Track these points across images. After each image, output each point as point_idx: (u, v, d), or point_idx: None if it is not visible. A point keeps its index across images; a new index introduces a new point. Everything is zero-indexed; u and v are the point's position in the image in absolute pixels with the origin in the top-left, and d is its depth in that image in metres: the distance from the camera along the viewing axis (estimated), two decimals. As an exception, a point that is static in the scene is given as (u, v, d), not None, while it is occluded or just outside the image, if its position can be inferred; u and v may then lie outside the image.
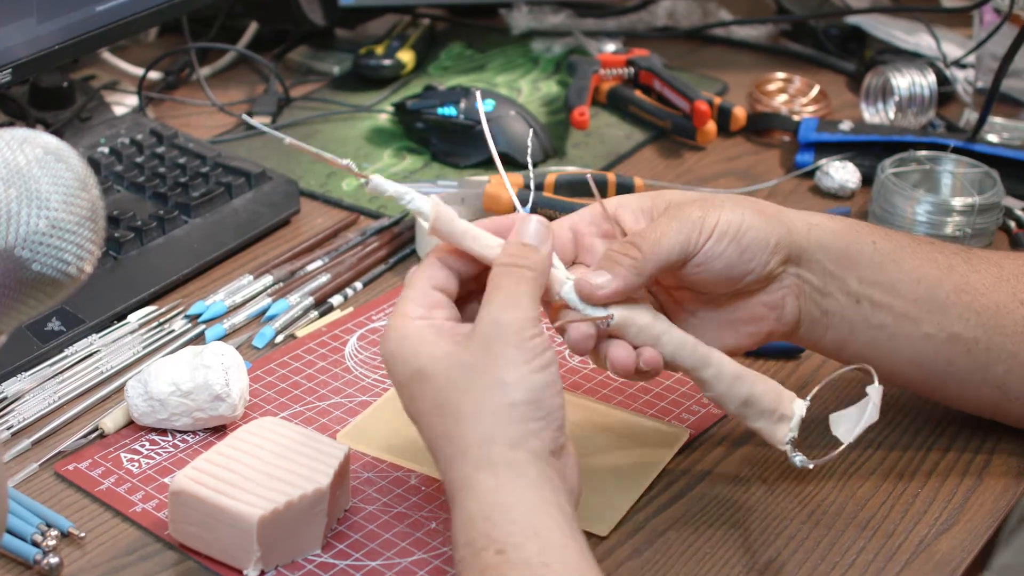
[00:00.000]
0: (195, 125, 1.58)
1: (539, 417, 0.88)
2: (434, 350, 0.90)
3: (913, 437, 1.12)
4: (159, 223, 1.30)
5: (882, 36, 1.79)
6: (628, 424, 1.11)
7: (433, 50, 1.79)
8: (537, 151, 1.50)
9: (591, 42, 1.78)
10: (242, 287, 1.28)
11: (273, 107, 1.60)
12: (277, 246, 1.36)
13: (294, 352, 1.19)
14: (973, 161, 1.40)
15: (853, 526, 1.03)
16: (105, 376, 1.16)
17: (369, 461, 1.07)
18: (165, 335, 1.21)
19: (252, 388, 1.14)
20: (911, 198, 1.35)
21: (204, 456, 0.99)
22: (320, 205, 1.43)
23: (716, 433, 1.12)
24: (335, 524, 1.01)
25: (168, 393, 1.07)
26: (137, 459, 1.06)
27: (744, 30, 1.86)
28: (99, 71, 1.65)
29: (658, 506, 1.04)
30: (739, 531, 1.02)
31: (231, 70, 1.73)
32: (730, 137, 1.59)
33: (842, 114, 1.64)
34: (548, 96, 1.67)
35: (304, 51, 1.77)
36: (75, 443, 1.08)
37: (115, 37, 1.45)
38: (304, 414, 1.12)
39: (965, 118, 1.61)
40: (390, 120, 1.59)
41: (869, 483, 1.07)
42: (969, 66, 1.68)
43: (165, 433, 1.09)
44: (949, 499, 1.06)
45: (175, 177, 1.37)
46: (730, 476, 1.07)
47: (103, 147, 1.41)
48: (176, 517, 0.97)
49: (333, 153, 0.97)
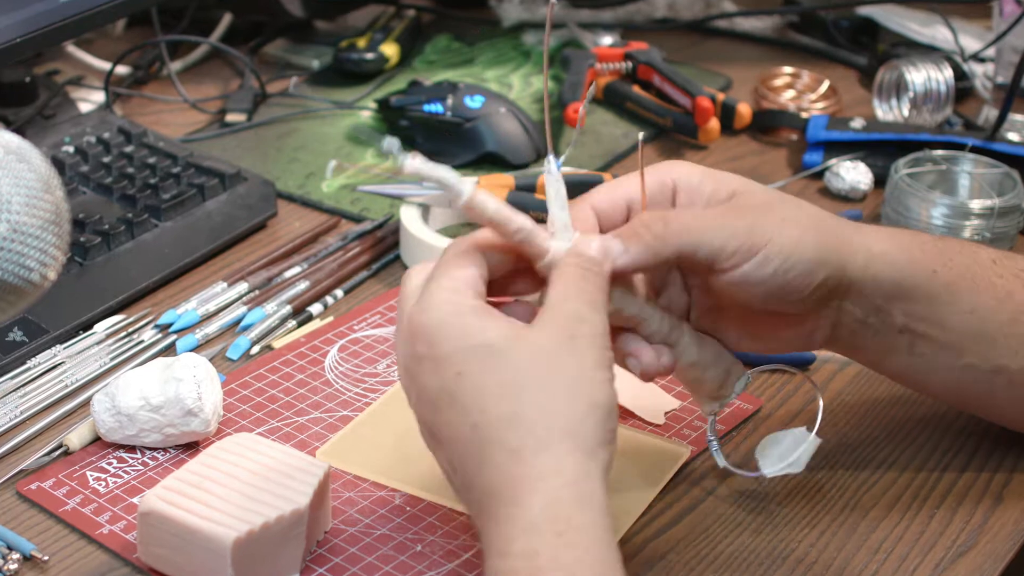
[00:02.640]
0: (166, 123, 1.58)
1: (611, 429, 0.87)
2: (503, 327, 0.88)
3: (930, 454, 1.12)
4: (127, 227, 1.30)
5: (896, 28, 1.79)
6: (626, 440, 1.11)
7: (418, 43, 1.79)
8: (529, 150, 1.50)
9: (587, 35, 1.78)
10: (215, 295, 1.28)
11: (248, 104, 1.60)
12: (253, 251, 1.36)
13: (271, 364, 1.19)
14: (992, 161, 1.40)
15: (865, 549, 1.03)
16: (70, 390, 1.16)
17: (350, 480, 1.07)
18: (134, 346, 1.21)
19: (226, 402, 1.14)
20: (926, 200, 1.36)
21: (175, 475, 0.99)
22: (298, 208, 1.43)
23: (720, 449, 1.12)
24: (314, 547, 1.01)
25: (137, 408, 1.07)
26: (104, 478, 1.06)
27: (749, 22, 1.87)
28: (63, 65, 1.65)
29: (658, 528, 1.05)
30: (744, 554, 1.02)
31: (204, 64, 1.73)
32: (734, 136, 1.60)
33: (853, 111, 1.64)
34: (540, 92, 1.67)
35: (281, 44, 1.77)
36: (38, 461, 1.08)
37: (80, 30, 1.45)
38: (281, 430, 1.12)
39: (984, 115, 1.61)
40: (373, 117, 1.59)
41: (882, 502, 1.07)
42: (988, 60, 1.69)
43: (134, 450, 1.09)
44: (967, 520, 1.06)
45: (144, 178, 1.37)
46: (734, 495, 1.07)
47: (68, 146, 1.41)
48: (145, 539, 0.97)
49: (313, 151, 0.97)
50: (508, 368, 0.86)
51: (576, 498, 0.85)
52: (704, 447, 1.11)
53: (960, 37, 1.70)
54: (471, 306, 0.89)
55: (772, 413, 1.15)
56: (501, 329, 0.88)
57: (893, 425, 1.14)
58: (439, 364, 0.88)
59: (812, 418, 1.06)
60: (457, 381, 0.87)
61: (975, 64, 1.69)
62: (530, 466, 0.85)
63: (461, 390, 0.87)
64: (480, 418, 0.87)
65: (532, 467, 0.85)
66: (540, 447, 0.85)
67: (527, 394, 0.86)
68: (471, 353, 0.87)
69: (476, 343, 0.87)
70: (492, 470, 0.86)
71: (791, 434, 1.03)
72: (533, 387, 0.86)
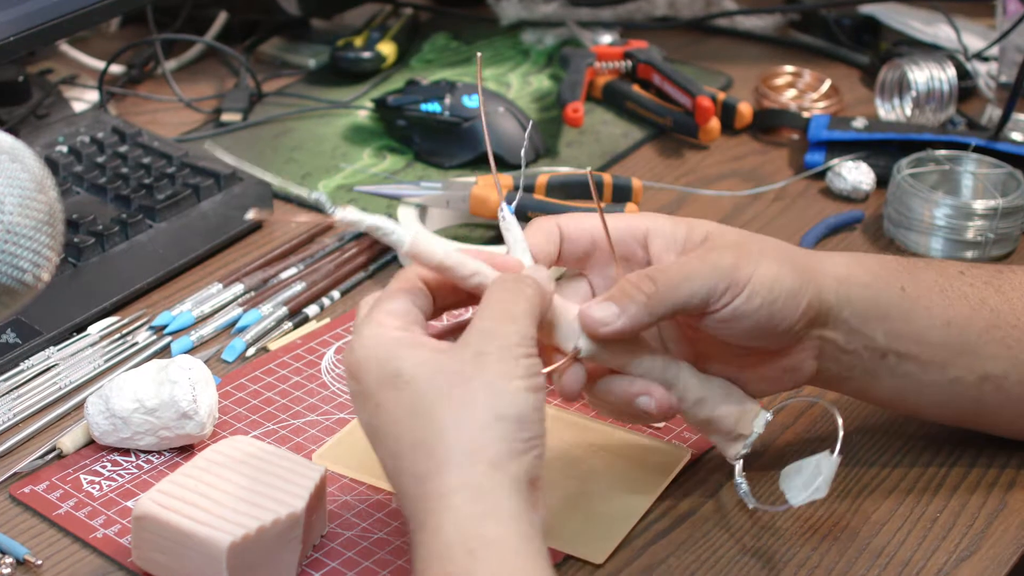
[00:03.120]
0: (160, 122, 1.58)
1: (524, 439, 0.87)
2: (416, 355, 0.89)
3: (932, 456, 1.12)
4: (122, 228, 1.30)
5: (898, 27, 1.79)
6: (625, 444, 1.12)
7: (416, 42, 1.79)
8: (528, 150, 1.50)
9: (585, 33, 1.78)
10: (211, 296, 1.28)
11: (244, 103, 1.60)
12: (248, 252, 1.36)
13: (267, 366, 1.20)
14: (996, 161, 1.40)
15: (867, 553, 1.03)
16: (63, 392, 1.16)
17: (347, 483, 1.07)
18: (128, 348, 1.21)
19: (221, 405, 1.14)
20: (929, 201, 1.36)
21: (170, 478, 0.99)
22: (295, 208, 1.43)
23: (719, 453, 1.12)
24: (310, 551, 1.01)
25: (131, 410, 1.07)
26: (98, 481, 1.06)
27: (750, 20, 1.87)
28: (57, 64, 1.66)
29: (658, 531, 1.05)
30: (745, 558, 1.02)
31: (199, 63, 1.73)
32: (735, 135, 1.60)
33: (855, 111, 1.64)
34: (539, 91, 1.67)
35: (277, 43, 1.77)
36: (31, 464, 1.08)
37: (74, 28, 1.45)
38: (277, 433, 1.12)
39: (987, 115, 1.61)
40: (370, 117, 1.59)
41: (884, 506, 1.07)
42: (992, 59, 1.69)
43: (128, 453, 1.09)
44: (970, 524, 1.06)
45: (139, 178, 1.37)
46: (735, 499, 1.07)
47: (61, 146, 1.41)
48: (140, 543, 0.97)
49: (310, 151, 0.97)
50: (414, 395, 0.88)
51: (483, 513, 0.85)
52: (704, 449, 1.11)
53: (963, 35, 1.70)
54: (393, 338, 0.90)
55: (776, 438, 1.15)
56: (414, 357, 0.89)
57: (894, 430, 1.14)
58: (365, 399, 0.90)
59: (824, 439, 1.08)
60: (376, 414, 0.90)
61: (978, 63, 1.69)
62: (432, 489, 0.86)
63: (380, 422, 0.89)
64: (395, 447, 0.89)
65: (434, 489, 0.86)
66: (441, 468, 0.86)
67: (430, 417, 0.87)
68: (385, 384, 0.89)
69: (389, 374, 0.89)
70: (406, 500, 0.88)
71: (811, 461, 1.02)
72: (435, 410, 0.87)
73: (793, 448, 1.11)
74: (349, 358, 0.91)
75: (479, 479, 0.85)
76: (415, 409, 0.88)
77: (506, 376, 0.87)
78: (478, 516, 0.85)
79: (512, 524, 0.85)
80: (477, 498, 0.85)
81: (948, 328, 1.04)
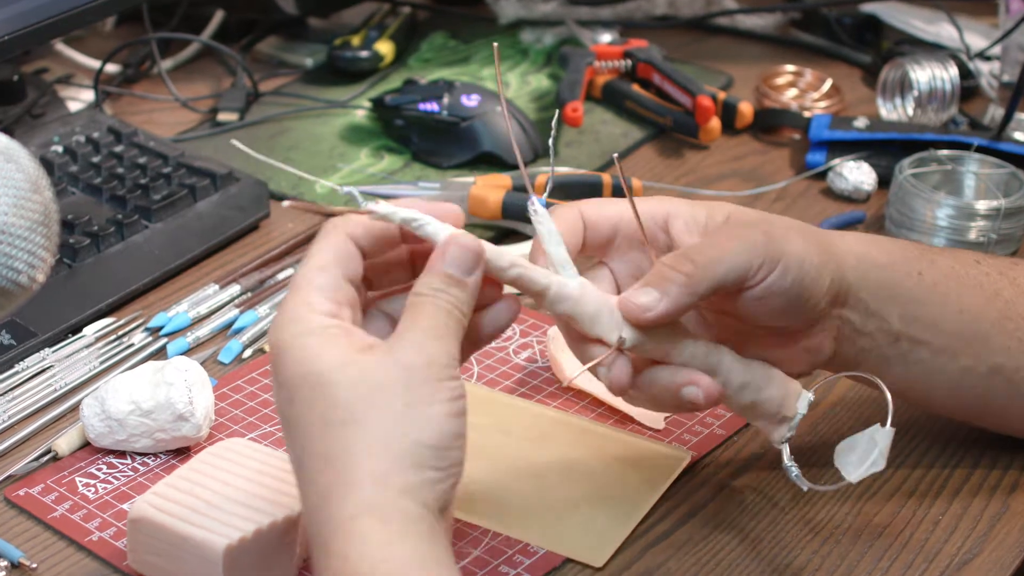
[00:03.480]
0: (156, 122, 1.58)
1: (441, 467, 0.83)
2: (341, 356, 0.84)
3: (936, 457, 1.12)
4: (117, 228, 1.30)
5: (900, 26, 1.79)
6: (625, 446, 1.12)
7: (414, 41, 1.79)
8: (526, 150, 1.50)
9: (585, 32, 1.78)
10: (207, 297, 1.28)
11: (241, 102, 1.60)
12: (245, 253, 1.36)
13: (263, 368, 1.19)
14: (999, 161, 1.40)
15: (869, 556, 1.03)
16: (59, 394, 1.16)
17: (345, 486, 1.07)
18: (124, 349, 1.21)
19: (218, 407, 1.14)
20: (931, 201, 1.36)
21: (166, 480, 0.99)
22: (291, 209, 1.43)
23: (720, 455, 1.12)
24: (307, 554, 1.01)
25: (127, 412, 1.07)
26: (93, 484, 1.06)
27: (751, 19, 1.87)
28: (52, 64, 1.66)
29: (658, 534, 1.05)
30: (746, 561, 1.02)
31: (195, 62, 1.73)
32: (735, 135, 1.60)
33: (857, 110, 1.64)
34: (538, 91, 1.67)
35: (274, 42, 1.77)
36: (26, 466, 1.08)
37: (69, 27, 1.45)
38: (274, 435, 1.12)
39: (990, 115, 1.61)
40: (367, 116, 1.59)
41: (887, 508, 1.07)
42: (994, 58, 1.69)
43: (124, 456, 1.09)
44: (973, 527, 1.06)
45: (135, 178, 1.37)
46: (735, 501, 1.07)
47: (57, 146, 1.41)
48: (136, 547, 0.97)
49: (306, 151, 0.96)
50: (331, 401, 0.83)
51: (389, 540, 0.81)
52: (705, 452, 1.11)
53: (965, 35, 1.70)
54: (317, 325, 0.85)
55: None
56: (336, 356, 0.84)
57: (897, 432, 1.14)
58: (280, 389, 0.86)
59: (870, 412, 1.10)
60: (290, 410, 0.85)
61: (981, 62, 1.69)
62: (336, 510, 0.82)
63: (293, 420, 0.85)
64: (302, 454, 0.85)
65: (339, 511, 0.82)
66: (349, 489, 0.82)
67: (344, 431, 0.83)
68: (302, 380, 0.84)
69: (307, 370, 0.84)
70: (307, 511, 0.85)
71: (864, 435, 1.01)
72: (351, 424, 0.83)
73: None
74: (273, 338, 0.86)
75: (388, 504, 0.82)
76: (329, 419, 0.83)
77: (430, 399, 0.83)
78: (385, 543, 0.81)
79: (421, 550, 0.82)
80: (385, 524, 0.82)
81: (961, 316, 1.04)
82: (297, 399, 0.84)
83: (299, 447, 0.85)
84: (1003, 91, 1.63)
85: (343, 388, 0.83)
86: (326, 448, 0.83)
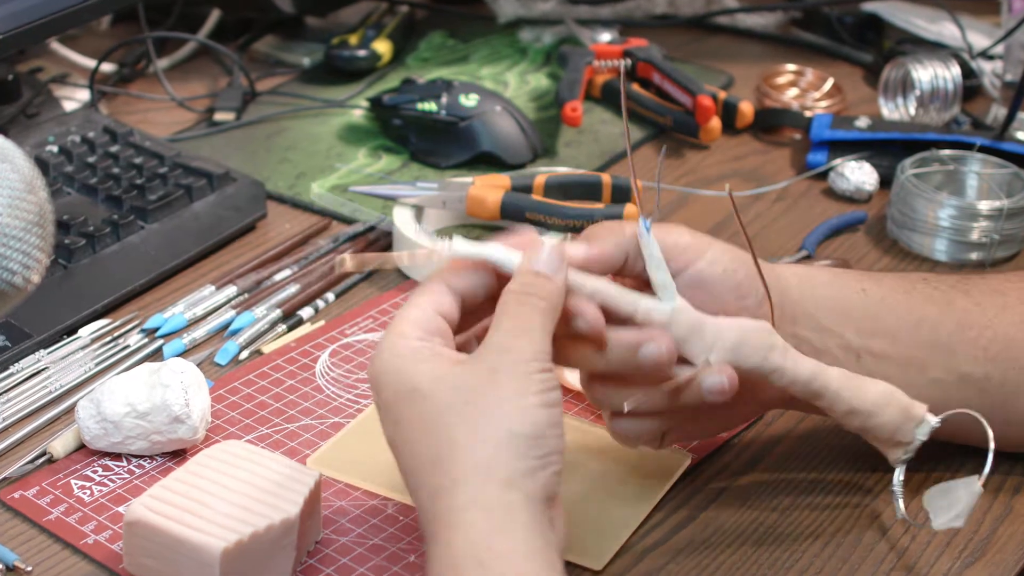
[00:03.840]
0: (152, 122, 1.58)
1: (539, 455, 0.88)
2: (433, 369, 0.90)
3: (936, 461, 1.12)
4: (113, 229, 1.30)
5: (902, 25, 1.79)
6: (626, 448, 1.11)
7: (412, 40, 1.79)
8: (525, 150, 1.50)
9: (584, 31, 1.78)
10: (203, 298, 1.28)
11: (237, 102, 1.60)
12: (242, 254, 1.36)
13: (260, 369, 1.19)
14: (1001, 161, 1.40)
15: (871, 559, 1.03)
16: (54, 396, 1.15)
17: (342, 488, 1.07)
18: (119, 351, 1.21)
19: (214, 409, 1.14)
20: (933, 201, 1.36)
21: (162, 483, 0.98)
22: (289, 209, 1.43)
23: (720, 458, 1.12)
24: (305, 557, 1.01)
25: (123, 414, 1.07)
26: (89, 486, 1.06)
27: (751, 18, 1.87)
28: (47, 63, 1.65)
29: (658, 537, 1.04)
30: (747, 564, 1.02)
31: (191, 62, 1.73)
32: (736, 135, 1.60)
33: (858, 110, 1.64)
34: (537, 90, 1.67)
35: (271, 41, 1.77)
36: (21, 469, 1.07)
37: (65, 26, 1.45)
38: (271, 437, 1.12)
39: (992, 114, 1.61)
40: (365, 116, 1.59)
41: (889, 511, 1.07)
42: (997, 57, 1.69)
43: (119, 458, 1.09)
44: (975, 530, 1.06)
45: (130, 178, 1.37)
46: (736, 504, 1.07)
47: (52, 146, 1.41)
48: (131, 550, 0.97)
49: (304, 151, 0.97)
50: (430, 411, 0.89)
51: (494, 529, 0.86)
52: (705, 454, 1.11)
53: (968, 34, 1.70)
54: (412, 349, 0.91)
55: (776, 447, 1.15)
56: (430, 371, 0.90)
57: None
58: (385, 413, 0.92)
59: None
60: (396, 430, 0.91)
61: (983, 61, 1.69)
62: (445, 505, 0.87)
63: (399, 439, 0.91)
64: (412, 463, 0.90)
65: (447, 505, 0.87)
66: (455, 485, 0.87)
67: (445, 434, 0.88)
68: (403, 399, 0.91)
69: (406, 389, 0.90)
70: (421, 514, 0.90)
71: (958, 485, 1.01)
72: (450, 427, 0.88)
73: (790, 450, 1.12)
74: (370, 369, 0.93)
75: (492, 496, 0.86)
76: (430, 425, 0.89)
77: (520, 392, 0.88)
78: (489, 531, 0.86)
79: (523, 539, 0.86)
80: (489, 515, 0.86)
81: (919, 327, 1.05)
82: (401, 419, 0.91)
83: (408, 458, 0.91)
84: (1006, 90, 1.63)
85: (439, 397, 0.89)
86: (433, 453, 0.89)
